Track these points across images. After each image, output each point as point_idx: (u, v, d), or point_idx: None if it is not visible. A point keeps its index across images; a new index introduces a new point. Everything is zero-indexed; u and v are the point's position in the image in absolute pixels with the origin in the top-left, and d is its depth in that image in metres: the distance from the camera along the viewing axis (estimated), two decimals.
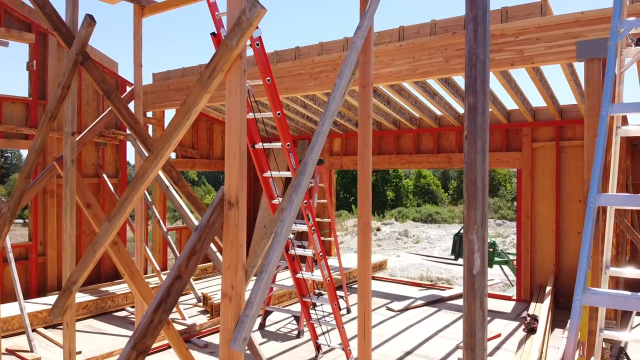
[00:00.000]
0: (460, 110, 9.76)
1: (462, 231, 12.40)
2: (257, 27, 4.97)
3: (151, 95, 10.02)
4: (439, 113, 10.15)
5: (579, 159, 8.85)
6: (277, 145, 5.53)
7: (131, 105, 6.01)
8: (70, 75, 3.38)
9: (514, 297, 9.45)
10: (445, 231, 32.23)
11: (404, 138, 10.99)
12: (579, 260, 2.36)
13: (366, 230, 3.82)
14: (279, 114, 5.22)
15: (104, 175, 9.55)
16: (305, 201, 5.70)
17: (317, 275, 6.04)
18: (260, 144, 5.62)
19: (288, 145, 5.39)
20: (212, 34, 5.06)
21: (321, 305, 6.95)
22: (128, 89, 10.16)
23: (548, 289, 8.18)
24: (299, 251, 6.17)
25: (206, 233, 2.52)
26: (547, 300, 7.59)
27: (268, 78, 5.05)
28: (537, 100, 8.84)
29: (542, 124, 9.17)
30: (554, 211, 9.08)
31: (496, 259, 11.23)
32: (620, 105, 2.55)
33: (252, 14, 2.46)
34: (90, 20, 3.26)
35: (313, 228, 5.72)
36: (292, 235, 6.75)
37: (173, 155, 11.60)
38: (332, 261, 11.30)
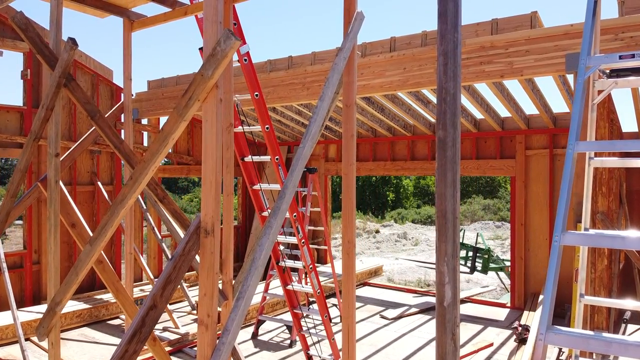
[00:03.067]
0: None
1: (479, 244, 12.36)
2: (246, 43, 4.99)
3: (146, 102, 10.04)
4: (433, 120, 10.16)
5: None
6: (267, 158, 5.54)
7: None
8: (54, 98, 3.40)
9: (508, 305, 9.46)
10: None
11: (399, 145, 11.00)
12: (544, 292, 2.38)
13: (350, 249, 3.84)
14: (267, 128, 5.23)
15: (99, 183, 9.57)
16: (295, 213, 5.72)
17: (307, 287, 6.06)
18: (250, 157, 5.63)
19: (277, 159, 5.40)
20: (200, 48, 5.06)
21: (312, 316, 6.97)
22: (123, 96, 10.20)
23: (541, 297, 8.18)
24: (289, 263, 6.19)
25: (181, 262, 2.54)
26: (539, 310, 7.59)
27: (256, 93, 5.06)
28: (530, 108, 8.84)
29: (536, 131, 9.18)
30: (547, 219, 9.09)
31: (491, 265, 11.24)
32: (587, 144, 2.55)
33: (227, 46, 2.48)
34: (72, 43, 3.27)
35: (303, 241, 5.73)
36: (282, 247, 6.76)
37: (167, 162, 11.63)
38: (328, 268, 11.33)
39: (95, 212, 9.75)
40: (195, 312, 8.77)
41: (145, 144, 10.62)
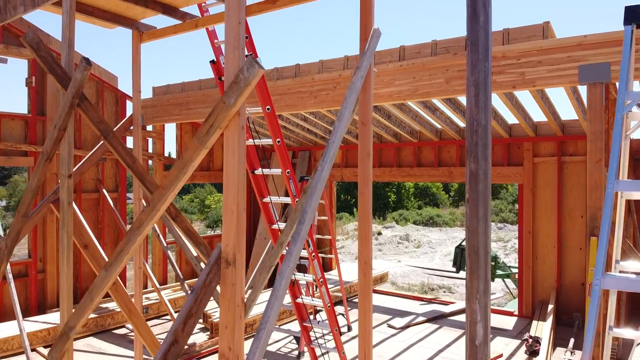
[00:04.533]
0: (461, 124, 9.71)
1: (463, 243, 12.35)
2: (257, 56, 4.92)
3: (151, 109, 9.98)
4: (439, 127, 10.10)
5: (580, 175, 8.79)
6: (277, 172, 5.49)
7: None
8: (67, 118, 3.34)
9: (516, 313, 9.40)
10: (447, 235, 32.19)
11: (405, 151, 10.94)
12: (586, 333, 2.32)
13: (367, 270, 3.78)
14: (278, 141, 5.17)
15: (104, 190, 9.51)
16: None
17: (317, 300, 6.00)
18: (260, 169, 5.57)
19: (288, 172, 5.35)
20: (212, 61, 5.01)
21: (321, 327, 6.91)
22: (128, 102, 10.14)
23: (550, 307, 8.13)
24: (299, 276, 6.13)
25: (203, 294, 2.48)
26: (550, 320, 7.54)
27: (268, 107, 5.00)
28: (538, 114, 8.78)
29: (544, 139, 9.11)
30: (555, 226, 9.02)
31: (498, 272, 11.18)
32: (628, 183, 2.45)
33: (250, 74, 2.42)
34: (86, 64, 3.21)
35: (313, 254, 5.67)
36: None
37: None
38: (333, 274, 11.27)
39: (100, 220, 9.68)
40: (201, 320, 8.71)
41: (150, 150, 10.55)
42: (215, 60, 5.00)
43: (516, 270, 10.91)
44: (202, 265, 6.96)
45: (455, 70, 6.42)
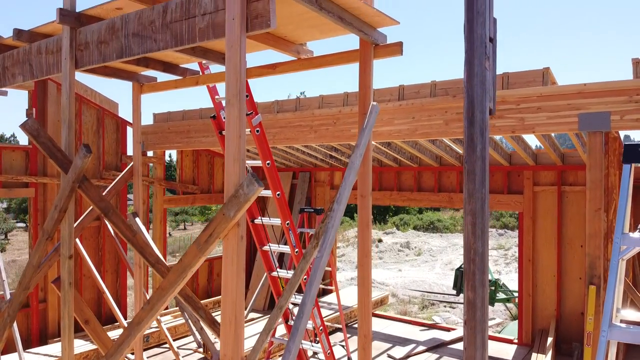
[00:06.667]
0: (461, 151, 9.71)
1: (462, 266, 12.36)
2: (259, 113, 4.94)
3: (152, 135, 10.00)
4: (438, 153, 10.10)
5: (580, 205, 8.80)
6: (277, 222, 5.50)
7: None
8: (67, 201, 3.36)
9: (515, 340, 9.43)
10: (448, 241, 32.21)
11: (405, 175, 10.95)
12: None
13: (366, 344, 3.80)
14: (278, 194, 5.19)
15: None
16: (305, 276, 5.67)
17: (317, 347, 6.02)
18: (259, 218, 5.59)
19: (288, 223, 5.36)
20: (212, 117, 5.03)
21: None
22: (129, 129, 10.16)
23: (550, 339, 8.15)
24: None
25: None
26: (549, 355, 7.56)
27: (268, 162, 5.02)
28: (538, 142, 8.79)
29: (544, 168, 9.13)
30: (555, 255, 9.04)
31: (499, 296, 11.19)
32: (619, 331, 2.42)
33: (250, 191, 2.43)
34: (86, 151, 3.23)
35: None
36: (291, 306, 6.72)
37: (173, 192, 11.59)
38: (332, 297, 11.30)
39: (100, 247, 9.71)
40: (201, 349, 8.74)
41: (151, 175, 10.58)
42: (215, 116, 5.02)
43: (517, 294, 10.93)
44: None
45: (454, 112, 6.43)
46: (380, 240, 30.49)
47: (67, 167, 3.35)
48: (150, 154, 10.47)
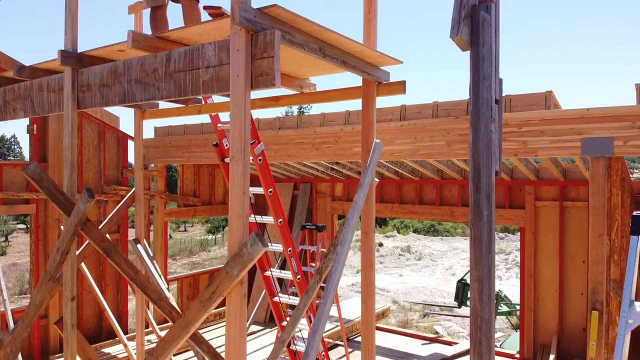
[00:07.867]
0: (462, 165, 9.69)
1: (465, 277, 12.37)
2: (261, 142, 4.92)
3: (153, 149, 9.99)
4: (439, 167, 10.09)
5: (582, 220, 8.78)
6: (278, 248, 5.49)
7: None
8: (69, 244, 3.36)
9: (517, 355, 9.42)
10: (448, 245, 32.22)
11: (406, 187, 10.94)
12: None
13: None
14: (280, 222, 5.18)
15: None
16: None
17: None
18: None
19: (290, 250, 5.35)
20: (215, 144, 5.01)
21: None
22: (130, 142, 10.14)
23: (551, 357, 8.14)
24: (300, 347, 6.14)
25: None
26: None
27: (270, 189, 5.01)
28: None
29: (546, 183, 9.11)
30: (557, 271, 9.03)
31: (501, 309, 11.18)
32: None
33: (254, 250, 2.42)
34: (88, 196, 3.22)
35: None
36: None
37: (175, 206, 11.57)
38: (332, 310, 11.28)
39: (102, 262, 9.70)
40: None
41: (152, 188, 10.57)
42: (218, 143, 5.00)
43: (518, 306, 10.92)
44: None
45: (456, 134, 6.41)
46: (380, 244, 30.48)
47: (70, 210, 3.34)
48: (151, 166, 10.45)
